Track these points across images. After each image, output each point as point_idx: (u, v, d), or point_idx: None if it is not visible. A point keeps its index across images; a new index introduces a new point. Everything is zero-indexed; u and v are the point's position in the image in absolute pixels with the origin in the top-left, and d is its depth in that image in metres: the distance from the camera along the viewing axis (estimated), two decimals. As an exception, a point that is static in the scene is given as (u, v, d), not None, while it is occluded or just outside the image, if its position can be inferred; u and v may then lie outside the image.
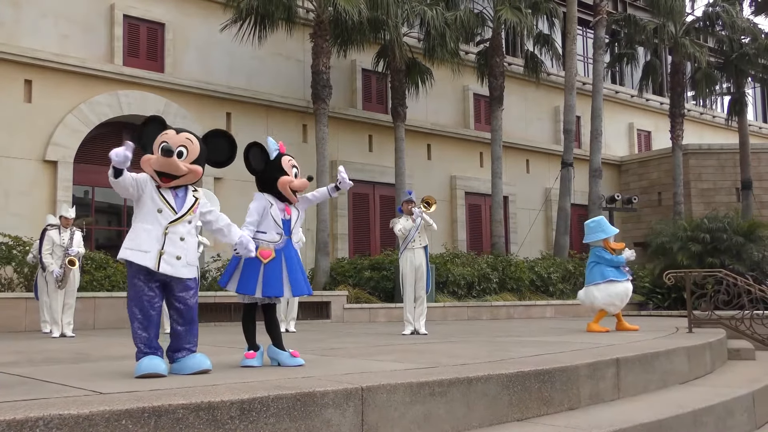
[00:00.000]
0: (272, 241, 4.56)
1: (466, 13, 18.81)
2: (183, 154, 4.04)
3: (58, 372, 4.31)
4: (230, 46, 16.49)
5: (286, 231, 4.61)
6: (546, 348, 6.02)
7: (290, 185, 4.59)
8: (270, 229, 4.57)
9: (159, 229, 4.01)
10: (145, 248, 3.96)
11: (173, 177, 4.04)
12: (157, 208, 4.02)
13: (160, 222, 4.02)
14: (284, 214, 4.62)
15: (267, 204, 4.61)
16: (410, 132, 18.84)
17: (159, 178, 4.04)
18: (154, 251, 3.96)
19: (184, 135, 4.12)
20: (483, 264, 16.68)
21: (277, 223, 4.58)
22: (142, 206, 4.05)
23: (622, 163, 25.70)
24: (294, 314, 10.65)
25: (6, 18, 14.15)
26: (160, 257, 3.97)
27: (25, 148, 14.02)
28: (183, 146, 4.05)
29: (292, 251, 4.64)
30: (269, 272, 4.50)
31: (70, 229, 9.85)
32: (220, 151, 4.35)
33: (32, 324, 10.85)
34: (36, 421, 2.54)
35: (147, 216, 4.02)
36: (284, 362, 4.54)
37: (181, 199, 4.12)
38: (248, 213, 4.62)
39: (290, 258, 4.59)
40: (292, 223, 4.66)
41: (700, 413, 4.62)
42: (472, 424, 3.85)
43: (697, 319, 8.50)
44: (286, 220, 4.62)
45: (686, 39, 22.48)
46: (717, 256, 18.37)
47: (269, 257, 4.51)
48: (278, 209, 4.60)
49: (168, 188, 4.09)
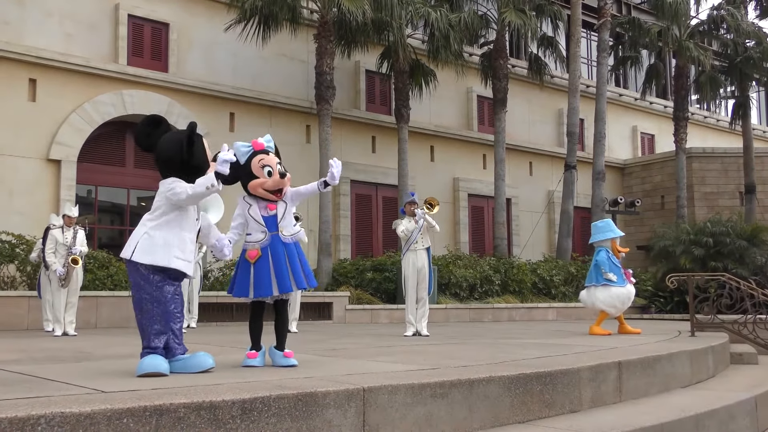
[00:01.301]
0: (257, 241, 4.55)
1: (470, 14, 18.82)
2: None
3: (60, 370, 4.32)
4: (234, 46, 16.51)
5: (271, 227, 4.57)
6: (548, 350, 6.01)
7: (263, 187, 4.53)
8: (253, 229, 4.58)
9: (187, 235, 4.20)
10: (190, 258, 4.13)
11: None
12: (196, 217, 4.25)
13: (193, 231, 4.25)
14: (266, 210, 4.58)
15: (246, 206, 4.61)
16: (413, 133, 18.84)
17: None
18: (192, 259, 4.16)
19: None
20: (485, 266, 16.67)
21: (258, 222, 4.56)
22: (187, 214, 4.16)
23: (625, 166, 25.67)
24: (296, 314, 10.65)
25: (11, 17, 14.18)
26: None
27: (29, 147, 14.05)
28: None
29: (280, 247, 4.53)
30: (258, 272, 4.49)
31: (73, 228, 9.86)
32: None
33: (35, 322, 10.87)
34: (38, 419, 2.54)
35: (188, 224, 4.16)
36: (276, 362, 4.54)
37: None
38: (233, 218, 4.67)
39: (276, 255, 4.51)
40: (279, 218, 4.60)
41: (702, 417, 4.60)
42: (473, 426, 3.85)
43: (700, 323, 8.49)
44: (269, 216, 4.58)
45: (690, 42, 22.45)
46: (720, 260, 18.32)
47: (255, 257, 4.51)
48: (258, 208, 4.58)
49: None
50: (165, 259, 4.00)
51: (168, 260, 4.01)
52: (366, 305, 14.46)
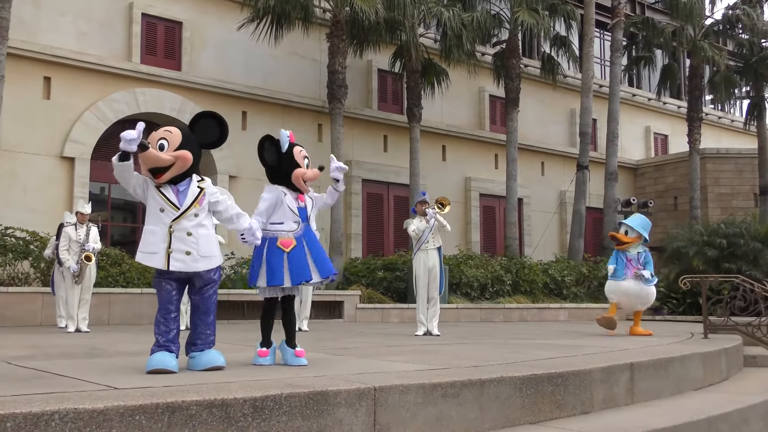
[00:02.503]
0: (290, 230, 4.57)
1: (483, 14, 18.78)
2: (164, 146, 4.02)
3: (73, 366, 4.34)
4: (247, 45, 16.55)
5: (303, 218, 4.65)
6: (559, 351, 5.99)
7: (303, 177, 4.62)
8: (287, 218, 4.59)
9: (164, 228, 4.05)
10: (153, 249, 4.03)
11: (164, 170, 4.02)
12: (159, 207, 4.06)
13: (164, 221, 4.05)
14: (298, 202, 4.66)
15: (281, 194, 4.61)
16: (425, 133, 18.82)
17: (153, 176, 4.05)
18: (161, 252, 4.01)
19: (162, 128, 4.17)
20: (496, 266, 16.63)
21: (293, 211, 4.60)
22: (148, 208, 4.13)
23: (638, 167, 25.53)
24: (307, 313, 10.67)
25: (26, 16, 14.28)
26: (168, 256, 4.01)
27: (43, 145, 14.15)
28: (163, 138, 4.05)
29: (312, 235, 4.67)
30: (294, 260, 4.50)
31: (86, 225, 9.93)
32: (209, 132, 4.28)
33: (48, 318, 10.95)
34: (52, 414, 2.56)
35: (151, 217, 4.09)
36: (288, 361, 4.56)
37: (183, 193, 4.11)
38: (260, 202, 4.62)
39: (312, 242, 4.62)
40: (308, 210, 4.71)
41: (715, 420, 4.57)
42: (484, 427, 3.84)
43: (713, 325, 8.42)
44: (301, 207, 4.66)
45: (705, 42, 22.29)
46: (734, 262, 18.19)
47: (291, 245, 4.53)
48: (292, 198, 4.63)
49: (168, 185, 4.09)
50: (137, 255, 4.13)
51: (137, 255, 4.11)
52: (377, 304, 14.46)
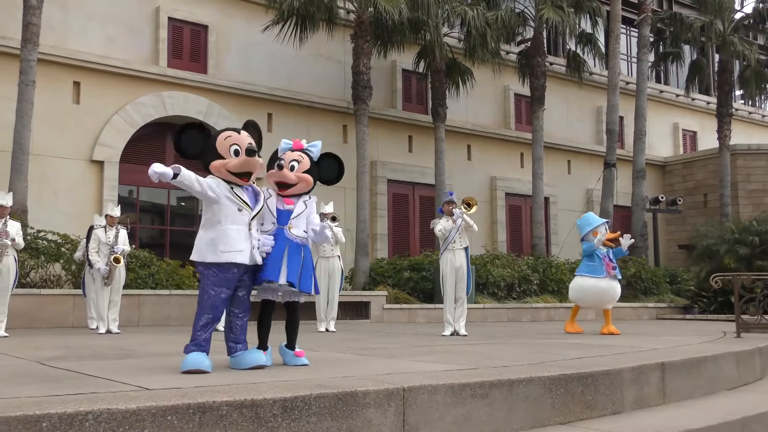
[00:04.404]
0: (266, 231, 4.49)
1: (507, 12, 18.68)
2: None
3: (105, 367, 4.40)
4: (271, 47, 16.65)
5: (282, 221, 4.53)
6: (588, 351, 5.93)
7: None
8: (266, 220, 4.54)
9: (244, 227, 4.28)
10: (239, 248, 4.22)
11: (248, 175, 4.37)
12: (237, 207, 4.30)
13: (243, 220, 4.29)
14: (283, 204, 4.57)
15: (266, 194, 4.57)
16: (450, 132, 18.77)
17: (240, 178, 4.34)
18: (246, 249, 4.24)
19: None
20: (523, 265, 16.53)
21: (271, 212, 4.54)
22: (223, 208, 4.27)
23: (666, 164, 25.19)
24: (334, 314, 10.70)
25: (55, 22, 14.52)
26: (250, 252, 4.28)
27: (73, 148, 14.38)
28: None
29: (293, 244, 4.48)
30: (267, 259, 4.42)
31: (115, 227, 10.05)
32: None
33: (79, 320, 11.11)
34: (86, 415, 2.59)
35: (230, 217, 4.27)
36: (288, 362, 4.56)
37: (251, 194, 4.42)
38: None
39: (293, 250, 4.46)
40: (293, 214, 4.55)
41: (749, 421, 4.49)
42: (513, 427, 3.81)
43: (746, 324, 8.29)
44: (285, 210, 4.55)
45: (735, 36, 21.93)
46: (766, 260, 17.88)
47: None
48: (275, 200, 4.57)
49: (242, 188, 4.38)
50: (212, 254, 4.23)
51: (213, 255, 4.22)
52: (403, 305, 14.46)
